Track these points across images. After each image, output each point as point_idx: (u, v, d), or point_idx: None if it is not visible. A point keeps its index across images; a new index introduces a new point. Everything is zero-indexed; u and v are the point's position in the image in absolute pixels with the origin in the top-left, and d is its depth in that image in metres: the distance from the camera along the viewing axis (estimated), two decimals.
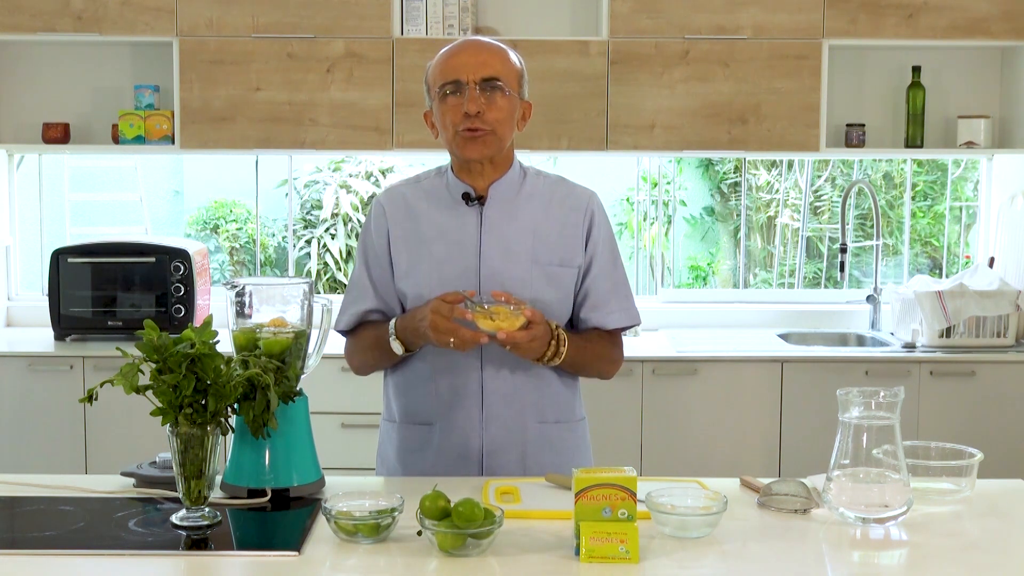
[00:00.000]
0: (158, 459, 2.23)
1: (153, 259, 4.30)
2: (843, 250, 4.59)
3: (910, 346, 4.22)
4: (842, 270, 4.61)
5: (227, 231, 6.36)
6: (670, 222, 5.75)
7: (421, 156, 5.08)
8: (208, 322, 2.00)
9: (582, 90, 4.30)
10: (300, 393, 2.15)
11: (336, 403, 4.05)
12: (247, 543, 1.94)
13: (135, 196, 5.99)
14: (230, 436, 2.10)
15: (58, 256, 4.29)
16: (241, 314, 2.17)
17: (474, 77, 2.28)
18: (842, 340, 4.55)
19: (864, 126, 4.49)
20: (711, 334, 4.47)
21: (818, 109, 4.32)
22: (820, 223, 6.39)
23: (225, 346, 2.01)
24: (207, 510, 1.97)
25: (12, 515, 2.06)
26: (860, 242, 6.02)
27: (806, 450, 4.01)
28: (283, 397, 2.09)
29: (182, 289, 4.26)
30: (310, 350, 2.19)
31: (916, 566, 1.86)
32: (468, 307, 2.18)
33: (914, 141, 4.50)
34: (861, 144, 4.49)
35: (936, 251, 6.28)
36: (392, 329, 2.31)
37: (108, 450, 4.06)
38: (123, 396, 1.98)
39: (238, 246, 6.39)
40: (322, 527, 1.95)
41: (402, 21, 4.34)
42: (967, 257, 5.17)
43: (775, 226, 6.42)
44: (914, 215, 6.18)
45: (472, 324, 2.17)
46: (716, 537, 1.90)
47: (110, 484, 2.21)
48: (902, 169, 6.17)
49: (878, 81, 4.62)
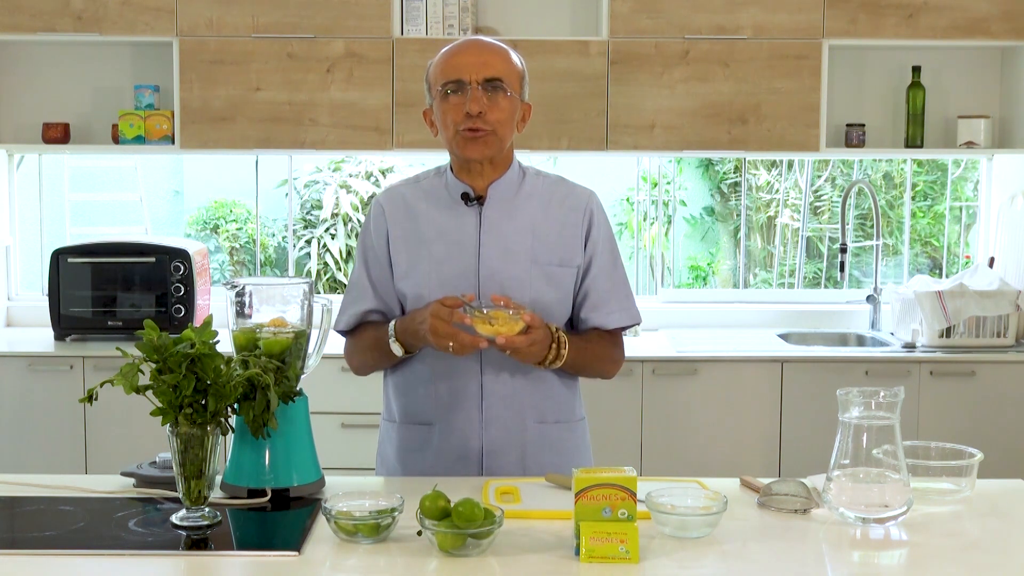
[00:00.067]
0: (158, 459, 2.23)
1: (153, 259, 4.30)
2: (843, 250, 4.59)
3: (910, 346, 4.22)
4: (842, 270, 4.60)
5: (227, 231, 6.35)
6: (670, 222, 5.75)
7: (421, 156, 5.08)
8: (208, 322, 2.00)
9: (582, 90, 4.30)
10: (300, 393, 2.15)
11: (336, 403, 4.05)
12: (247, 543, 1.94)
13: (135, 196, 5.99)
14: (230, 436, 2.10)
15: (58, 256, 4.29)
16: (241, 314, 2.17)
17: (476, 77, 2.28)
18: (842, 340, 4.55)
19: (864, 126, 4.49)
20: (711, 334, 4.47)
21: (818, 109, 4.32)
22: (820, 223, 6.39)
23: (225, 346, 2.00)
24: (207, 510, 1.97)
25: (12, 515, 2.06)
26: (860, 242, 6.02)
27: (806, 450, 4.01)
28: (283, 397, 2.09)
29: (182, 289, 4.26)
30: (310, 350, 2.19)
31: (916, 566, 1.86)
32: (467, 312, 2.17)
33: (914, 141, 4.50)
34: (861, 144, 4.49)
35: (936, 251, 6.28)
36: (391, 331, 2.31)
37: (108, 450, 4.06)
38: (123, 396, 1.98)
39: (238, 246, 6.39)
40: (322, 527, 1.94)
41: (402, 21, 4.34)
42: (967, 257, 5.16)
43: (775, 226, 6.42)
44: (914, 215, 6.18)
45: (471, 329, 2.17)
46: (716, 537, 1.90)
47: (110, 484, 2.21)
48: (902, 169, 6.17)
49: (878, 81, 4.62)
